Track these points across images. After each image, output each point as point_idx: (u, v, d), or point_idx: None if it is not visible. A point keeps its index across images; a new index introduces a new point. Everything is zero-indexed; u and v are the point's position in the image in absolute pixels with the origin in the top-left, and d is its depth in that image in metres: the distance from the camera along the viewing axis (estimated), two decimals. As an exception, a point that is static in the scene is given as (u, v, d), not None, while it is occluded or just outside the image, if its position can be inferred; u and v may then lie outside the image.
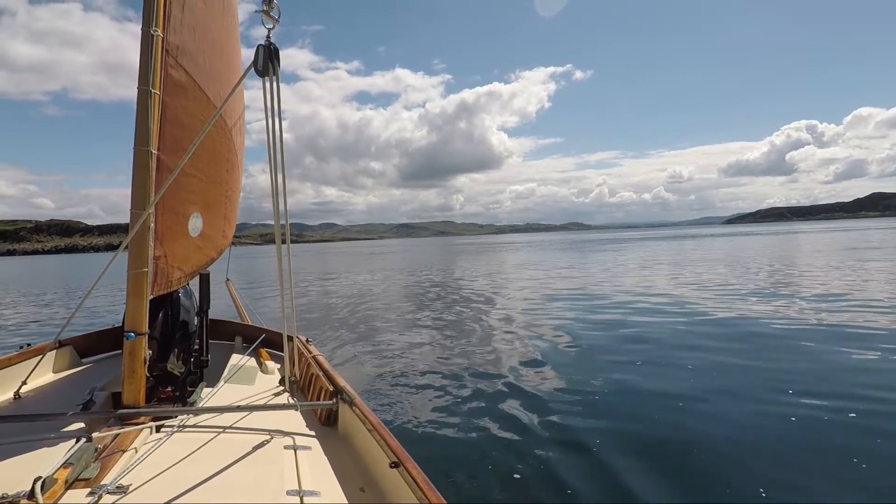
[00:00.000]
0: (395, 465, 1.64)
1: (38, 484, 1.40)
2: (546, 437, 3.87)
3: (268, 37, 2.16)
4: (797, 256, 23.18)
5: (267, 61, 2.16)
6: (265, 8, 2.13)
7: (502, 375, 5.59)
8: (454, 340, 7.70)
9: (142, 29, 2.18)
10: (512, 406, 4.59)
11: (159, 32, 2.21)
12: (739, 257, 24.09)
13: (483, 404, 4.66)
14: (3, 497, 1.43)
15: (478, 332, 8.38)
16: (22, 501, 1.38)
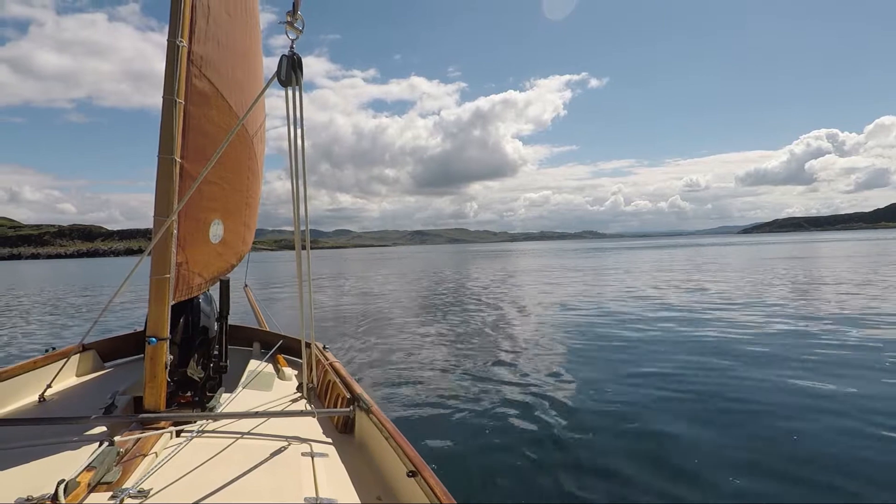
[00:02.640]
0: (412, 473, 1.63)
1: (62, 487, 1.42)
2: (565, 448, 3.83)
3: (291, 47, 2.18)
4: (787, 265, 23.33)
5: (290, 72, 2.18)
6: (289, 19, 2.16)
7: (522, 384, 5.56)
8: (472, 348, 7.68)
9: (168, 40, 2.22)
10: (531, 415, 4.55)
11: (184, 43, 2.25)
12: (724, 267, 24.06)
13: (502, 413, 4.63)
14: (27, 499, 1.45)
15: (496, 339, 8.35)
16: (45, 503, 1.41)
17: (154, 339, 2.14)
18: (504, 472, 3.44)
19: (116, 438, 1.83)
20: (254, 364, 3.22)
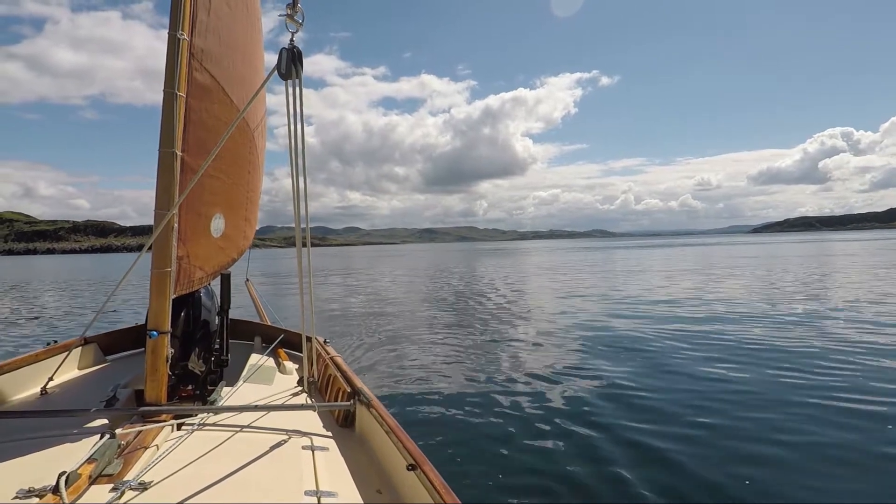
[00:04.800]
0: (412, 467, 1.63)
1: (63, 479, 1.42)
2: (566, 443, 3.82)
3: (291, 40, 2.17)
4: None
5: (290, 65, 2.17)
6: (289, 12, 2.14)
7: (524, 380, 5.54)
8: (474, 343, 7.67)
9: (168, 33, 2.22)
10: (532, 409, 4.53)
11: (185, 36, 2.24)
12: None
13: (502, 407, 4.62)
14: (29, 490, 1.45)
15: (498, 334, 8.34)
16: (47, 496, 1.41)
17: (155, 333, 2.14)
18: (504, 466, 3.43)
19: (117, 431, 1.84)
20: (255, 358, 3.23)
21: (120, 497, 1.47)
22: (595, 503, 3.00)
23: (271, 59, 2.40)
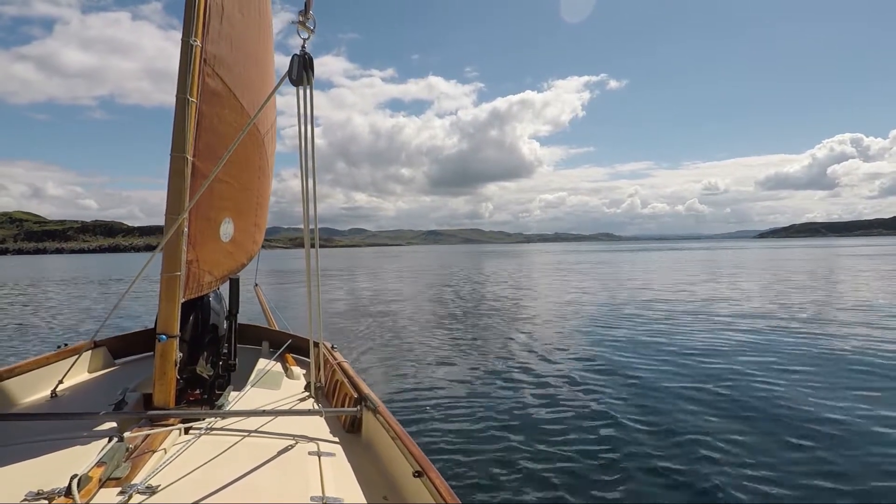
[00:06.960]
0: (418, 474, 1.63)
1: (75, 482, 1.43)
2: (573, 450, 3.80)
3: (303, 47, 2.18)
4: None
5: (301, 71, 2.18)
6: (301, 19, 2.16)
7: (530, 387, 5.52)
8: (481, 348, 7.66)
9: (182, 39, 2.24)
10: (541, 417, 4.52)
11: (198, 42, 2.27)
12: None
13: (509, 415, 4.61)
14: (38, 493, 1.46)
15: (506, 339, 8.32)
16: (58, 498, 1.42)
17: (164, 337, 2.15)
18: (511, 474, 3.42)
19: (126, 434, 1.85)
20: (262, 363, 3.23)
21: (128, 500, 1.47)
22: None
23: (281, 62, 2.41)
